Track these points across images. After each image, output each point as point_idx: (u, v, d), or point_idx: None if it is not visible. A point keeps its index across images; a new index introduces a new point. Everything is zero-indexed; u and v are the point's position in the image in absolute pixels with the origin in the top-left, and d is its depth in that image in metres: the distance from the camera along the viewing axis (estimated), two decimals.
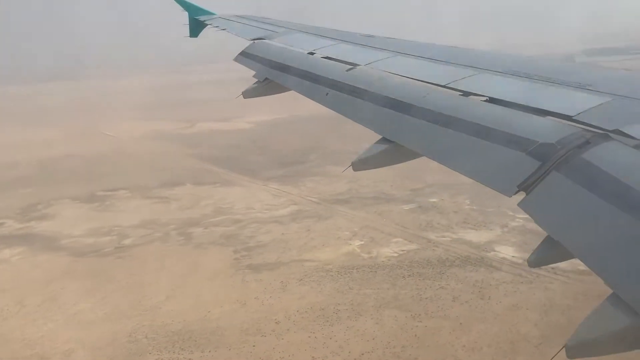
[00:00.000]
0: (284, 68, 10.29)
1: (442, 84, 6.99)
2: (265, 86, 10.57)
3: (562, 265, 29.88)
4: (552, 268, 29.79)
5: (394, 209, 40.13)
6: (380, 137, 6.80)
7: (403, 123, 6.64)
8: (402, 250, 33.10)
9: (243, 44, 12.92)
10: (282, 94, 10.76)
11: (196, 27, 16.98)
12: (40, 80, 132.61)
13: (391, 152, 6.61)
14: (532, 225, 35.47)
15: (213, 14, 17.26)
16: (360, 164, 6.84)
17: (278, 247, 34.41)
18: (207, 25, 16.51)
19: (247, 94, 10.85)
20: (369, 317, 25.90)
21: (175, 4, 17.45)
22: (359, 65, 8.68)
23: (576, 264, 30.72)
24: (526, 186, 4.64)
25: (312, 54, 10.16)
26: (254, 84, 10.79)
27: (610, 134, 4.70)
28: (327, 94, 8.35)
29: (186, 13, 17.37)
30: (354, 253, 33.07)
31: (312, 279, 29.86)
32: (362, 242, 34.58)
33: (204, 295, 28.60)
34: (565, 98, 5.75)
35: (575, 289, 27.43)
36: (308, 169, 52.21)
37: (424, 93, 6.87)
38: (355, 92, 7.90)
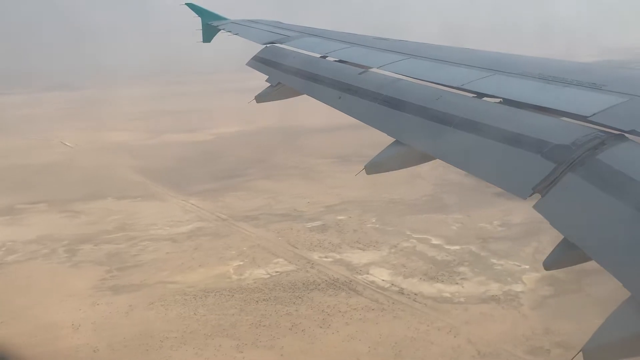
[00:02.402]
0: (296, 72, 10.30)
1: (455, 85, 6.87)
2: (278, 90, 10.57)
3: (426, 290, 28.25)
4: (416, 294, 28.09)
5: (295, 227, 38.62)
6: (393, 139, 6.67)
7: (416, 126, 6.57)
8: (276, 272, 31.63)
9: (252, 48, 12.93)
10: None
11: (209, 32, 17.10)
12: (41, 90, 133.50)
13: (404, 155, 6.54)
14: (422, 247, 33.84)
15: (226, 19, 17.28)
16: (373, 167, 6.71)
17: (153, 267, 33.20)
18: (220, 30, 16.54)
19: (260, 98, 10.82)
20: (193, 346, 24.50)
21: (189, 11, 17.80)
22: (371, 68, 8.66)
23: (442, 290, 28.95)
24: (541, 188, 4.57)
25: (324, 57, 10.12)
26: (267, 88, 10.77)
27: (627, 135, 4.62)
28: (339, 97, 8.33)
29: (199, 19, 17.58)
30: (225, 275, 31.69)
31: (163, 303, 28.56)
32: (242, 263, 33.18)
33: (45, 318, 27.47)
34: (580, 98, 5.62)
35: (423, 319, 25.63)
36: (239, 183, 50.84)
37: (437, 95, 6.81)
38: (367, 95, 7.85)
